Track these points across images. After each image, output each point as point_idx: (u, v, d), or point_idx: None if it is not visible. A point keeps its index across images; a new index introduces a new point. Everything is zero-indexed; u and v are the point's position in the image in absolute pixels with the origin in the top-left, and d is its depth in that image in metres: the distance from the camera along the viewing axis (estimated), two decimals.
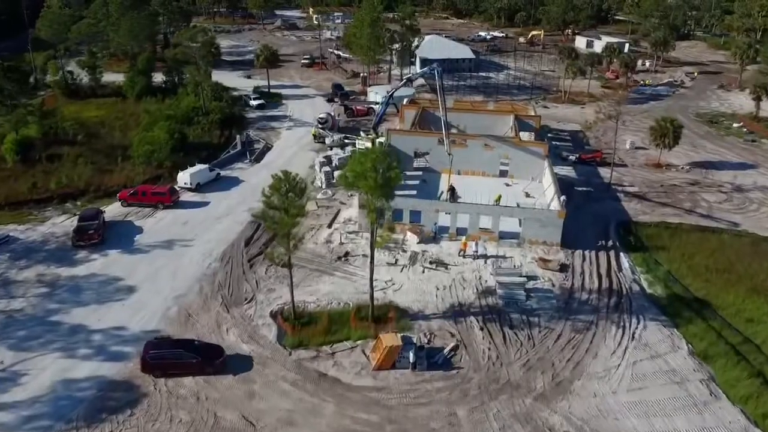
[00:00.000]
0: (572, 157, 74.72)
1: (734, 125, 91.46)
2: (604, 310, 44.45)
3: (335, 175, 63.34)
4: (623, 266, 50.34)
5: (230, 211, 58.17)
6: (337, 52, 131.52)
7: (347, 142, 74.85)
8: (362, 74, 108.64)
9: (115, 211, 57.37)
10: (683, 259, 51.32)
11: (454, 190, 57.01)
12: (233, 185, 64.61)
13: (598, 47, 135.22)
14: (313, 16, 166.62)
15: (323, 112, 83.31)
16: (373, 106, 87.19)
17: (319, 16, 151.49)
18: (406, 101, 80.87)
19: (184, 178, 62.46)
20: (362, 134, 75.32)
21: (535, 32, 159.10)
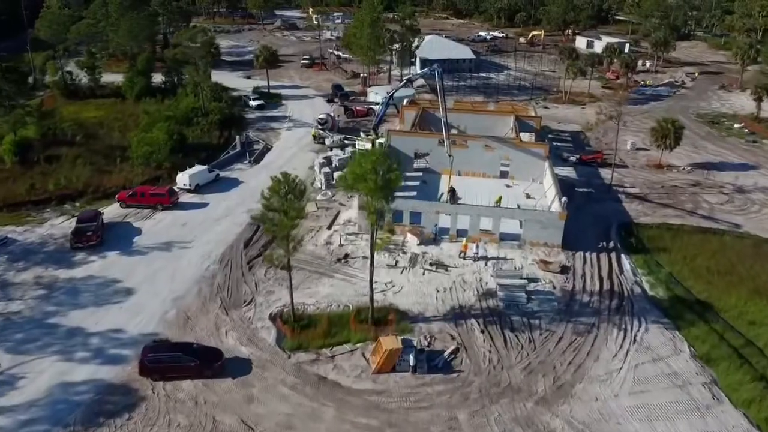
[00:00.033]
0: (573, 158, 74.46)
1: (735, 126, 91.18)
2: (605, 312, 44.17)
3: (335, 176, 63.09)
4: (624, 268, 50.06)
5: (229, 212, 57.90)
6: (336, 52, 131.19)
7: (347, 142, 74.58)
8: (362, 75, 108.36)
9: (113, 212, 57.10)
10: (685, 261, 51.05)
11: (454, 191, 56.73)
12: (232, 186, 64.34)
13: (598, 47, 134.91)
14: (312, 16, 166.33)
15: (323, 112, 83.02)
16: (373, 106, 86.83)
17: (318, 16, 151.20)
18: (406, 102, 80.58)
19: (183, 179, 62.19)
20: (362, 135, 75.02)
21: (535, 32, 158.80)
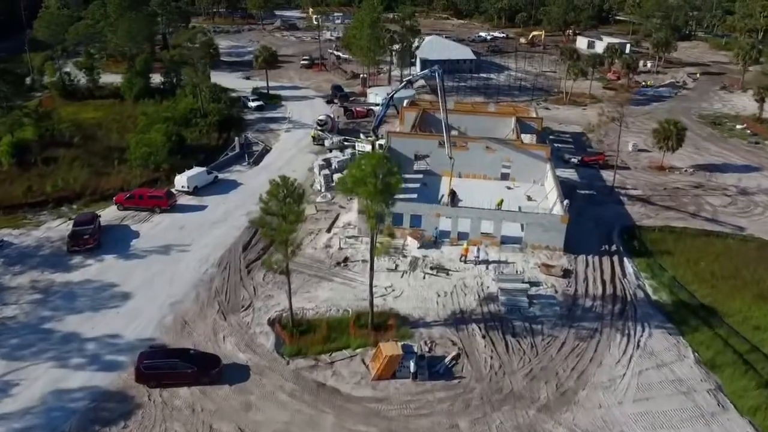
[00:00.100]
0: (574, 159, 73.88)
1: (737, 127, 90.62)
2: (608, 317, 43.63)
3: (334, 178, 62.54)
4: (627, 272, 49.50)
5: (228, 215, 57.34)
6: (336, 52, 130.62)
7: (347, 144, 74.03)
8: (362, 75, 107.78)
9: (111, 215, 56.54)
10: (688, 264, 50.48)
11: (454, 193, 56.18)
12: (231, 188, 63.78)
13: (599, 48, 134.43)
14: (312, 16, 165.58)
15: (322, 113, 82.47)
16: (372, 107, 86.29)
17: (318, 16, 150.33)
18: (406, 103, 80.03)
19: (181, 181, 61.60)
20: (362, 136, 74.52)
21: (535, 33, 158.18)
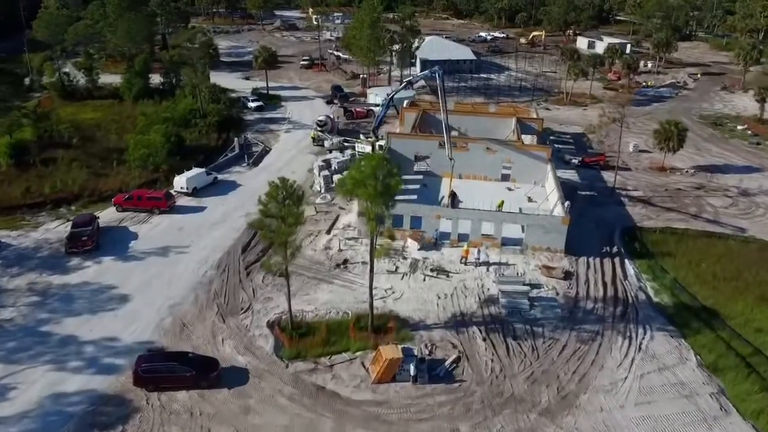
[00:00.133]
0: (575, 160, 73.55)
1: (738, 127, 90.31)
2: (609, 319, 43.33)
3: (334, 179, 62.25)
4: (629, 274, 49.21)
5: (227, 216, 57.04)
6: (336, 53, 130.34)
7: (347, 145, 73.72)
8: (362, 76, 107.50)
9: (109, 216, 56.23)
10: (690, 266, 50.15)
11: (455, 195, 55.88)
12: (230, 189, 63.47)
13: (599, 48, 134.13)
14: (312, 16, 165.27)
15: (322, 114, 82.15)
16: (372, 108, 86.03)
17: (318, 16, 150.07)
18: (406, 103, 79.76)
19: (180, 182, 61.30)
20: (362, 137, 74.21)
21: (536, 33, 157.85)
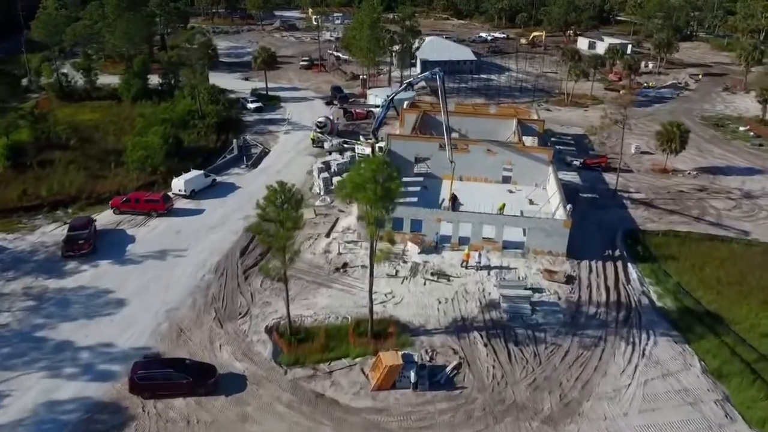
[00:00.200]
0: (577, 162, 72.99)
1: (740, 129, 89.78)
2: (612, 324, 42.76)
3: (334, 181, 61.73)
4: (631, 278, 48.64)
5: (225, 219, 56.49)
6: (336, 53, 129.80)
7: (346, 146, 73.19)
8: (362, 76, 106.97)
9: (106, 219, 55.70)
10: (693, 270, 49.58)
11: (455, 198, 55.33)
12: (229, 192, 62.91)
13: (600, 49, 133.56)
14: (312, 16, 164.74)
15: (322, 115, 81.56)
16: (372, 109, 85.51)
17: (318, 16, 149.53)
18: (406, 105, 79.23)
19: (178, 184, 60.76)
20: (362, 138, 73.68)
21: (536, 33, 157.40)
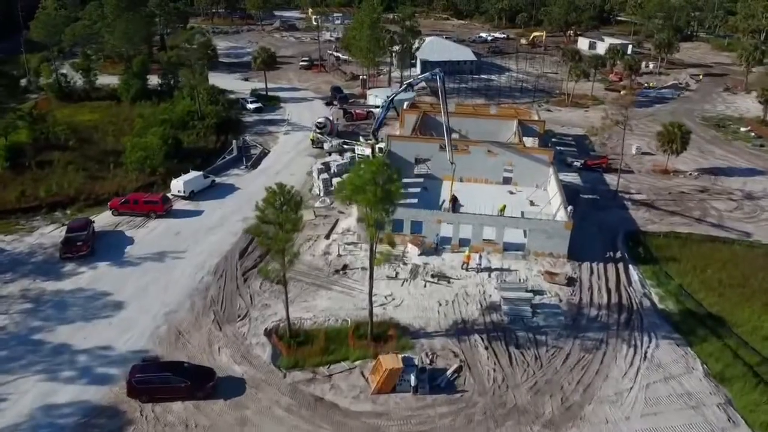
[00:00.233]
0: (577, 163, 72.67)
1: (742, 129, 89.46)
2: (614, 327, 42.46)
3: (333, 182, 61.42)
4: (633, 279, 48.34)
5: (225, 220, 56.20)
6: (336, 54, 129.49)
7: (346, 147, 72.89)
8: (362, 77, 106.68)
9: (105, 220, 55.41)
10: (695, 271, 49.27)
11: (456, 199, 55.04)
12: (228, 193, 62.63)
13: (601, 49, 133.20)
14: (312, 17, 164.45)
15: (322, 116, 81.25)
16: (372, 109, 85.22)
17: (318, 17, 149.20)
18: (406, 105, 78.94)
19: (177, 185, 60.47)
20: (362, 139, 73.39)
21: (536, 33, 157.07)
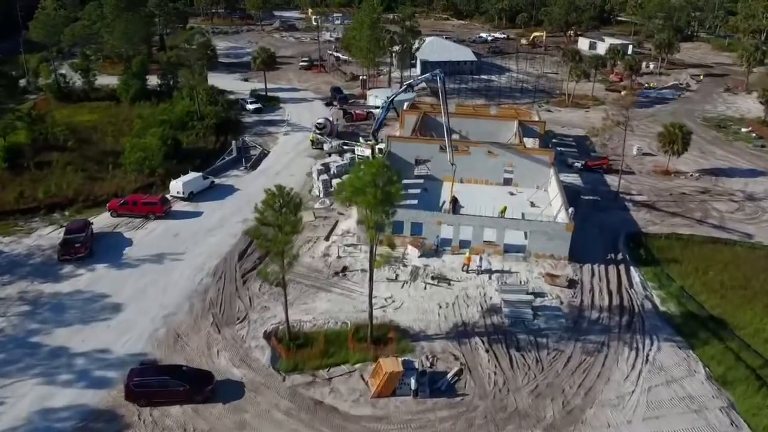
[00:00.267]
0: (578, 164, 72.42)
1: (743, 130, 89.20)
2: (615, 329, 42.21)
3: (333, 183, 61.14)
4: (634, 281, 48.09)
5: (224, 222, 55.93)
6: (336, 54, 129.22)
7: (346, 148, 72.62)
8: (362, 77, 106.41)
9: (104, 221, 55.15)
10: (696, 273, 49.02)
11: (456, 201, 54.79)
12: (228, 194, 62.36)
13: (601, 49, 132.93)
14: (312, 17, 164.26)
15: (321, 116, 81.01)
16: (372, 110, 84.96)
17: (318, 17, 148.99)
18: (406, 106, 78.68)
19: (176, 186, 60.20)
20: (362, 140, 73.11)
21: (537, 34, 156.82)
